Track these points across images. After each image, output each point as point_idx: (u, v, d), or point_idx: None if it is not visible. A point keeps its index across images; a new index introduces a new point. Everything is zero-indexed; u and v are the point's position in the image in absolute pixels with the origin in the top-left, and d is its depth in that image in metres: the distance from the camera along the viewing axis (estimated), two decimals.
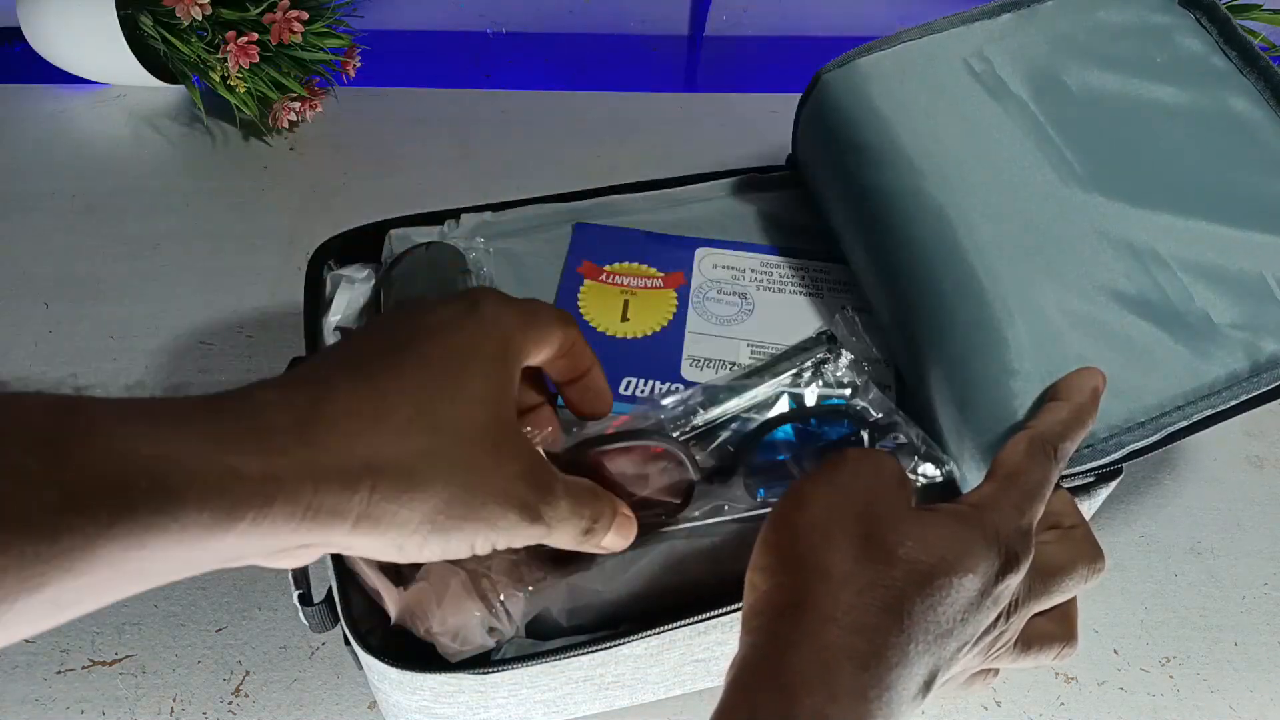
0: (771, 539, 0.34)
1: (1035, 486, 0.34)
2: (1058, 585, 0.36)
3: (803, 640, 0.30)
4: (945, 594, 0.31)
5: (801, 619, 0.30)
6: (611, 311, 0.51)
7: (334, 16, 0.79)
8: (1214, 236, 0.44)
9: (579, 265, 0.53)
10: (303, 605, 0.40)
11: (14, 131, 0.80)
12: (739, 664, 0.31)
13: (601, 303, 0.51)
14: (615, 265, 0.53)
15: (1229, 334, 0.42)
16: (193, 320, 0.67)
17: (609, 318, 0.51)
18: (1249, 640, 0.56)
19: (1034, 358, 0.41)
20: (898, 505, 0.33)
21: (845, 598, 0.30)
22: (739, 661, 0.31)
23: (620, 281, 0.52)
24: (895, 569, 0.31)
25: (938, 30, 0.52)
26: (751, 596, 0.33)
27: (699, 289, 0.52)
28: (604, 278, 0.52)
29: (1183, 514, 0.62)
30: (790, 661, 0.29)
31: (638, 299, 0.52)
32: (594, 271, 0.52)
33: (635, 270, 0.53)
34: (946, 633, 0.31)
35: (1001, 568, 0.32)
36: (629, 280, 0.52)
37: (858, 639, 0.30)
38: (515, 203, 0.56)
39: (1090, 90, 0.49)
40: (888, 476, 0.34)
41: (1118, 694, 0.54)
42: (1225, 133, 0.47)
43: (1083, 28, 0.51)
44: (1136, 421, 0.40)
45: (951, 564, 0.31)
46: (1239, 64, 0.49)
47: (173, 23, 0.73)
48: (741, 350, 0.50)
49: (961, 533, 0.32)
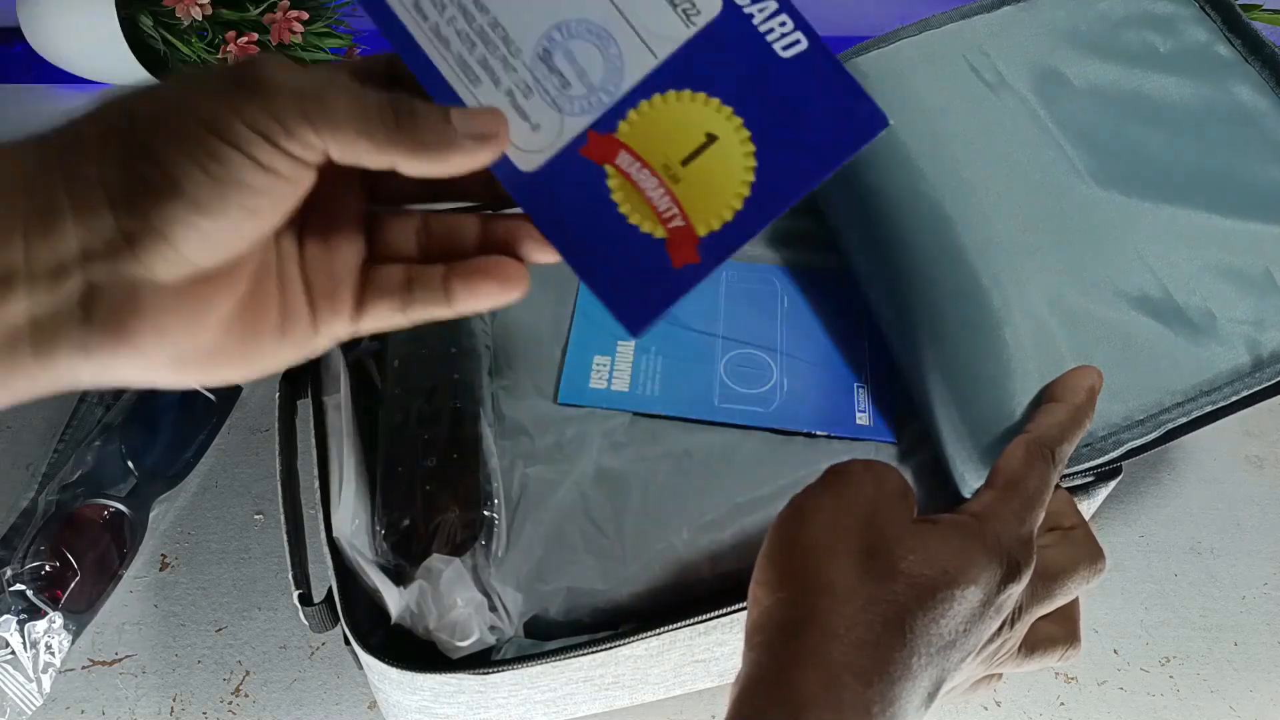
0: (773, 554, 0.34)
1: (1035, 493, 0.34)
2: (1059, 588, 0.36)
3: (807, 657, 0.30)
4: (948, 606, 0.31)
5: (805, 635, 0.30)
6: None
7: (334, 16, 0.79)
8: (1216, 229, 0.44)
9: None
10: (303, 605, 0.40)
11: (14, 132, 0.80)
12: (743, 681, 0.31)
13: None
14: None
15: (1231, 328, 0.41)
16: None
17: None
18: (1249, 640, 0.56)
19: (1034, 357, 0.41)
20: (899, 518, 0.33)
21: (848, 613, 0.30)
22: (743, 678, 0.31)
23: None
24: (897, 583, 0.31)
25: (936, 26, 0.52)
26: (755, 611, 0.33)
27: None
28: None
29: (1183, 514, 0.62)
30: (795, 679, 0.30)
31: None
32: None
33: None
34: (950, 644, 0.31)
35: (1004, 577, 0.32)
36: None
37: (861, 654, 0.30)
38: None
39: (1092, 82, 0.48)
40: (889, 489, 0.34)
41: (1118, 694, 0.54)
42: (1229, 123, 0.46)
43: (1084, 19, 0.50)
44: (1135, 419, 0.40)
45: (954, 576, 0.31)
46: (1243, 52, 0.48)
47: (173, 23, 0.73)
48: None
49: (963, 544, 0.32)
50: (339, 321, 0.31)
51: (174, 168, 0.25)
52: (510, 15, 0.30)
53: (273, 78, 0.26)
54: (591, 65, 0.30)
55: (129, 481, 0.57)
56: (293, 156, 0.26)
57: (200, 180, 0.25)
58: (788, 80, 0.30)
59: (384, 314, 0.31)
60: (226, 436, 0.61)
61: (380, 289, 0.31)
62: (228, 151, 0.25)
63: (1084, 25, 0.50)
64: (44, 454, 0.59)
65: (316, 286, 0.31)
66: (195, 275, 0.26)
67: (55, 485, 0.56)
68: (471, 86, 0.30)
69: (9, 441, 0.60)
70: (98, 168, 0.25)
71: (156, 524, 0.57)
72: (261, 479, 0.60)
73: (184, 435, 0.60)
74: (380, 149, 0.27)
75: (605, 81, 0.30)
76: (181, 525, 0.57)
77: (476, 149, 0.28)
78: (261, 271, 0.29)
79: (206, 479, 0.60)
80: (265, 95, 0.26)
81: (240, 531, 0.57)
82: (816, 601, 0.31)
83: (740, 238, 0.30)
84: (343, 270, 0.31)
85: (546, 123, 0.30)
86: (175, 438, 0.60)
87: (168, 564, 0.56)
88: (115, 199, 0.25)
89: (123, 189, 0.25)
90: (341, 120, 0.26)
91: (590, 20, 0.30)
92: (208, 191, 0.25)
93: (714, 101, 0.30)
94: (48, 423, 0.61)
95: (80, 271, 0.25)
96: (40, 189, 0.25)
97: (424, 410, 0.44)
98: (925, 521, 0.33)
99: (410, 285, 0.31)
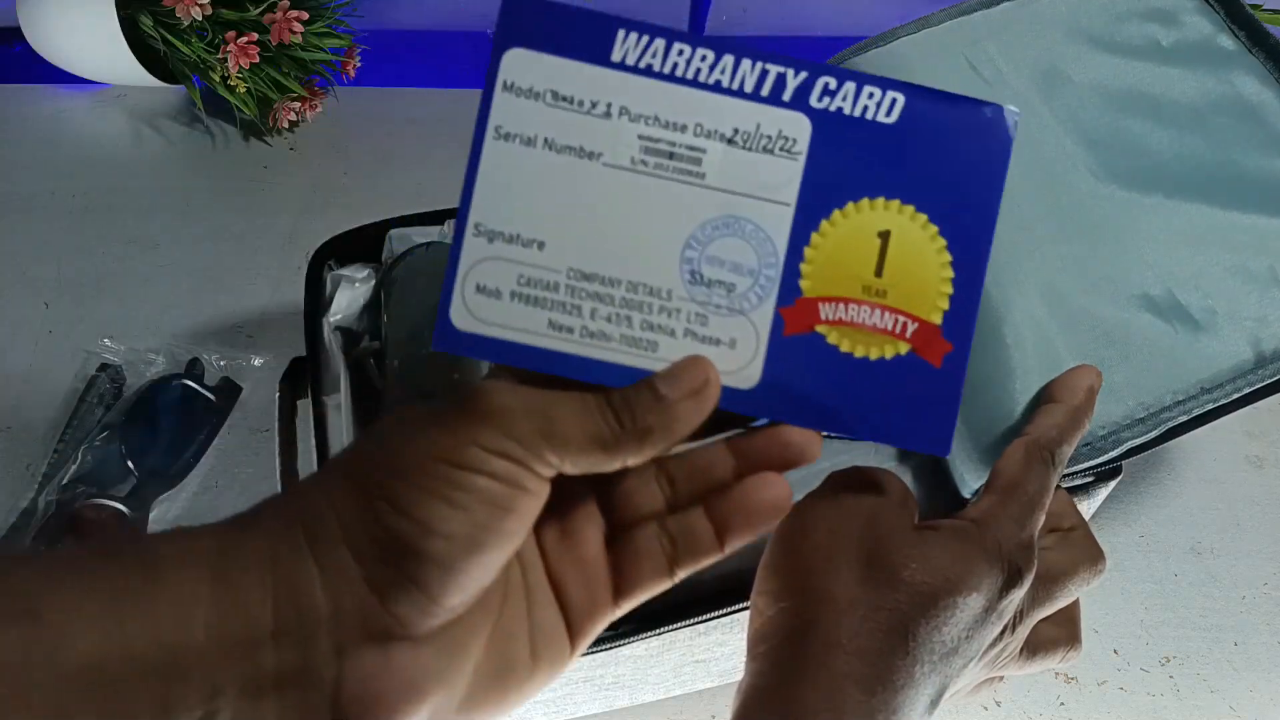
0: (775, 563, 0.34)
1: (1034, 496, 0.34)
2: (1060, 590, 0.35)
3: (809, 667, 0.30)
4: (950, 614, 0.31)
5: (807, 645, 0.30)
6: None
7: (334, 16, 0.79)
8: (1219, 224, 0.43)
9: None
10: None
11: (14, 131, 0.80)
12: (746, 691, 0.31)
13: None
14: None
15: (1233, 325, 0.41)
16: (193, 320, 0.67)
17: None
18: (1249, 640, 0.56)
19: (1033, 356, 0.41)
20: (900, 526, 0.33)
21: (850, 623, 0.30)
22: (746, 689, 0.31)
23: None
24: (899, 592, 0.31)
25: (935, 24, 0.51)
26: (757, 621, 0.33)
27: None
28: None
29: (1183, 514, 0.62)
30: (797, 689, 0.30)
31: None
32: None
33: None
34: (952, 651, 0.31)
35: (1005, 583, 0.32)
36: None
37: (863, 664, 0.30)
38: None
39: (1093, 77, 0.48)
40: (890, 496, 0.34)
41: (1118, 694, 0.54)
42: (1232, 117, 0.46)
43: (1085, 13, 0.50)
44: (1135, 418, 0.40)
45: (955, 583, 0.31)
46: (1247, 44, 0.48)
47: (173, 23, 0.73)
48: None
49: (964, 551, 0.32)
50: (600, 614, 0.29)
51: (419, 508, 0.24)
52: (639, 268, 0.28)
53: (504, 403, 0.26)
54: (740, 254, 0.29)
55: (129, 481, 0.57)
56: (536, 474, 0.26)
57: (447, 515, 0.25)
58: (909, 137, 0.29)
59: (650, 587, 0.29)
60: (226, 436, 0.61)
61: (639, 561, 0.29)
62: (471, 479, 0.25)
63: (1085, 19, 0.50)
64: (44, 454, 0.59)
65: (567, 586, 0.29)
66: (449, 620, 0.26)
67: (55, 485, 0.56)
68: (651, 353, 0.28)
69: (9, 441, 0.60)
70: (340, 526, 0.25)
71: (156, 524, 0.57)
72: (261, 479, 0.60)
73: (184, 435, 0.60)
74: (612, 454, 0.27)
75: (762, 259, 0.29)
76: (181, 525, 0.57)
77: (698, 404, 0.27)
78: (507, 595, 0.28)
79: (206, 479, 0.60)
80: (501, 422, 0.25)
81: None
82: (818, 611, 0.31)
83: (972, 296, 0.29)
84: (589, 554, 0.30)
85: (739, 333, 0.29)
86: (175, 438, 0.60)
87: None
88: (362, 554, 0.25)
89: (369, 542, 0.25)
90: (574, 436, 0.26)
91: (709, 220, 0.29)
92: (456, 524, 0.25)
93: (863, 203, 0.29)
94: (48, 423, 0.61)
95: (330, 634, 0.24)
96: (286, 558, 0.25)
97: None
98: (926, 528, 0.33)
99: (673, 543, 0.29)
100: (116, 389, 0.62)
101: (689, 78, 0.29)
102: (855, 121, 0.29)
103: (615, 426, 0.27)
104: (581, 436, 0.26)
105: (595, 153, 0.28)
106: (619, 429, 0.27)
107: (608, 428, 0.26)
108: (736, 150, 0.29)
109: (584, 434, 0.26)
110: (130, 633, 0.23)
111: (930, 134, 0.29)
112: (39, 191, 0.75)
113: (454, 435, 0.25)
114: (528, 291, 0.28)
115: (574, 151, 0.28)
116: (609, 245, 0.28)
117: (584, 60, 0.28)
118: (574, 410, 0.26)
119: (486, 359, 0.28)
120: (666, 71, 0.28)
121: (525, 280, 0.28)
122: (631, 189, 0.28)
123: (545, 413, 0.26)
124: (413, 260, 0.50)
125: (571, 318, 0.28)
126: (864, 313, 0.29)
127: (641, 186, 0.28)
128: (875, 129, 0.29)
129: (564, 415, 0.26)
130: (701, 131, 0.29)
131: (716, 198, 0.29)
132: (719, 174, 0.29)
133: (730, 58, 0.29)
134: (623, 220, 0.28)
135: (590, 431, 0.26)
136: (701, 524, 0.29)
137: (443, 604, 0.25)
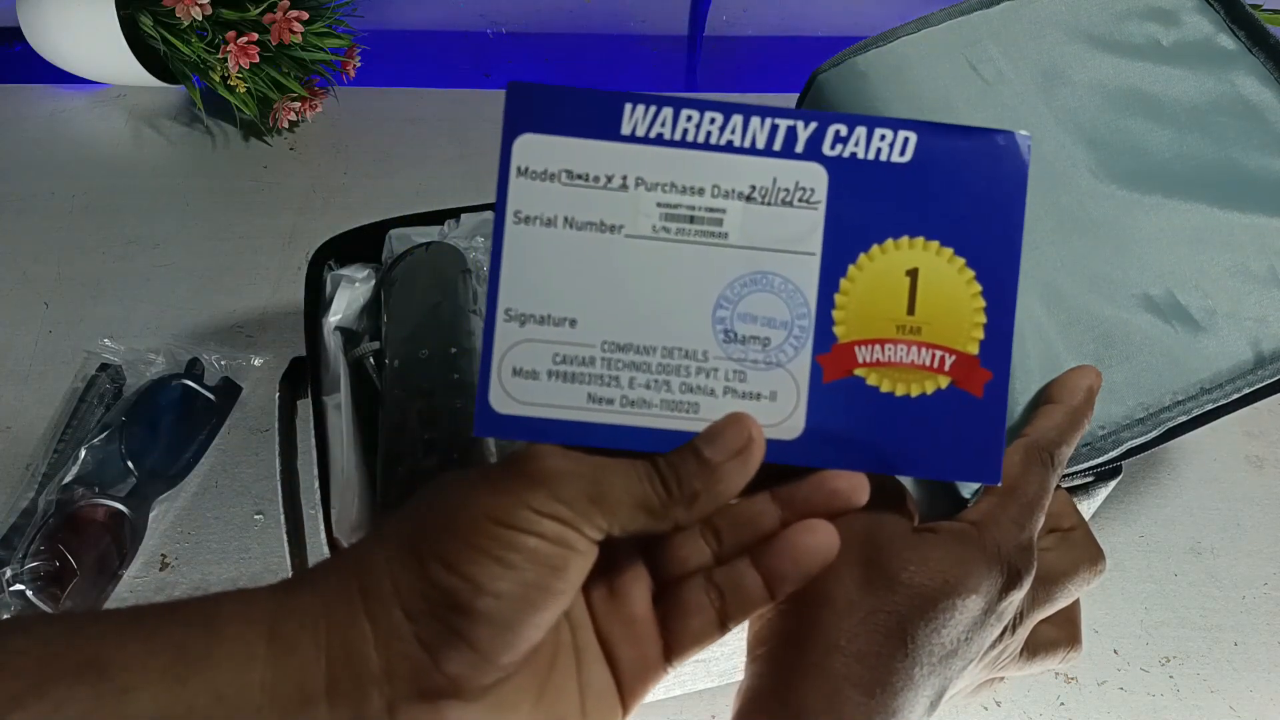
0: None
1: (1034, 498, 0.34)
2: (1060, 591, 0.35)
3: (808, 670, 0.30)
4: (949, 616, 0.31)
5: (806, 648, 0.30)
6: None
7: (334, 16, 0.79)
8: (1219, 224, 0.43)
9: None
10: None
11: (14, 131, 0.80)
12: (745, 694, 0.31)
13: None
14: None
15: (1233, 325, 0.41)
16: (193, 320, 0.67)
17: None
18: (1249, 640, 0.56)
19: (1032, 356, 0.41)
20: (899, 528, 0.33)
21: (848, 626, 0.30)
22: (745, 691, 0.31)
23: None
24: (897, 594, 0.31)
25: (934, 24, 0.51)
26: (757, 623, 0.33)
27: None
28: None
29: (1183, 514, 0.62)
30: (797, 692, 0.30)
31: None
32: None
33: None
34: (951, 653, 0.31)
35: (1004, 585, 0.32)
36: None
37: (862, 667, 0.30)
38: None
39: (1093, 76, 0.48)
40: (889, 499, 0.34)
41: (1118, 694, 0.54)
42: (1232, 116, 0.46)
43: (1085, 12, 0.50)
44: (1135, 418, 0.40)
45: (954, 586, 0.31)
46: (1247, 43, 0.48)
47: (173, 23, 0.73)
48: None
49: (963, 553, 0.32)
50: (651, 673, 0.30)
51: (471, 567, 0.25)
52: (673, 333, 0.29)
53: (555, 467, 0.26)
54: (772, 308, 0.29)
55: (129, 481, 0.57)
56: (585, 536, 0.26)
57: (498, 573, 0.25)
58: (925, 173, 0.29)
59: (701, 642, 0.30)
60: (226, 436, 0.61)
61: (688, 617, 0.30)
62: (522, 539, 0.25)
63: (1084, 19, 0.50)
64: (44, 454, 0.59)
65: (616, 645, 0.30)
66: (499, 679, 0.26)
67: (55, 485, 0.56)
68: (693, 414, 0.29)
69: (9, 441, 0.60)
70: (393, 585, 0.26)
71: (156, 524, 0.57)
72: (261, 479, 0.60)
73: (184, 435, 0.60)
74: (658, 518, 0.27)
75: (794, 310, 0.29)
76: (181, 525, 0.57)
77: (742, 463, 0.28)
78: (557, 655, 0.29)
79: (206, 479, 0.60)
80: (551, 485, 0.26)
81: (240, 531, 0.57)
82: (817, 614, 0.31)
83: (1006, 323, 0.30)
84: (637, 613, 0.30)
85: (778, 386, 0.29)
86: (175, 438, 0.60)
87: (168, 564, 0.56)
88: (414, 612, 0.25)
89: (422, 600, 0.25)
90: (622, 502, 0.27)
91: (737, 278, 0.29)
92: (507, 582, 0.25)
93: (888, 244, 0.29)
94: (48, 423, 0.61)
95: (382, 692, 0.25)
96: (340, 616, 0.25)
97: (424, 410, 0.44)
98: (925, 530, 0.33)
99: (721, 596, 0.30)
100: (116, 389, 0.62)
101: (701, 141, 0.29)
102: (870, 165, 0.29)
103: (662, 493, 0.27)
104: (629, 503, 0.27)
105: (616, 225, 0.28)
106: (665, 496, 0.27)
107: (655, 495, 0.27)
108: (756, 206, 0.29)
109: (632, 500, 0.27)
110: (192, 690, 0.24)
111: (946, 168, 0.29)
112: (39, 191, 0.75)
113: (505, 497, 0.26)
114: (565, 369, 0.28)
115: (595, 226, 0.28)
116: (640, 314, 0.29)
117: (594, 138, 0.28)
118: (622, 477, 0.27)
119: (530, 439, 0.28)
120: (678, 138, 0.29)
121: (561, 359, 0.28)
122: (656, 256, 0.28)
123: (594, 478, 0.27)
124: (412, 260, 0.50)
125: (610, 389, 0.28)
126: (901, 351, 0.29)
127: (666, 253, 0.29)
128: (891, 170, 0.29)
129: (612, 481, 0.27)
130: (719, 192, 0.29)
131: (742, 255, 0.29)
132: (741, 232, 0.29)
133: (739, 117, 0.29)
134: (651, 288, 0.29)
135: (638, 498, 0.27)
136: (750, 575, 0.30)
137: (494, 661, 0.25)
